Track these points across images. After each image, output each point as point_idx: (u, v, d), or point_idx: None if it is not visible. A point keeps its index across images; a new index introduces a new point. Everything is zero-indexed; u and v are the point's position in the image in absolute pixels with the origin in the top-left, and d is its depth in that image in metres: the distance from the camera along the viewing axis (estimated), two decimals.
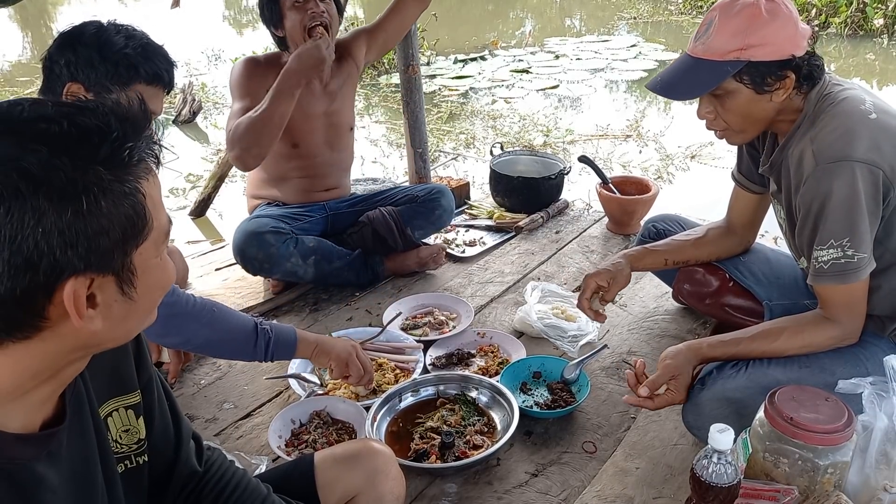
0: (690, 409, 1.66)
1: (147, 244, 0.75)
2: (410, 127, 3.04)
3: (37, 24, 10.59)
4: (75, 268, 0.69)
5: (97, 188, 0.69)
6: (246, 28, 10.67)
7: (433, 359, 2.09)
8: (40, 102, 0.71)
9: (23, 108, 0.70)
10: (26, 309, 0.69)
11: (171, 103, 6.01)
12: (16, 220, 0.65)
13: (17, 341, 0.71)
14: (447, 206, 2.68)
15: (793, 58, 1.46)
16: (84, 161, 0.69)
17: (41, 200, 0.66)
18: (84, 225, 0.68)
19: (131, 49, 1.54)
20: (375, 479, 1.17)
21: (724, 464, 1.23)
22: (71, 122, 0.70)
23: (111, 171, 0.70)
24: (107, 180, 0.70)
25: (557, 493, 1.64)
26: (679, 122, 5.44)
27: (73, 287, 0.69)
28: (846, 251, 1.44)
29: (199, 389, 2.04)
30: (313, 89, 2.50)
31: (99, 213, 0.69)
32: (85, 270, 0.70)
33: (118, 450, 0.93)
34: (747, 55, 1.45)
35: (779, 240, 3.23)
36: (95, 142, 0.70)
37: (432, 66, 7.19)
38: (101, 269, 0.71)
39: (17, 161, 0.66)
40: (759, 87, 1.48)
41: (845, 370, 1.52)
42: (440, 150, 4.99)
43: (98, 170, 0.69)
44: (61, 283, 0.69)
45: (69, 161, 0.68)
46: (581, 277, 2.59)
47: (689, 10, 9.52)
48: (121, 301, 0.75)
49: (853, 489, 1.39)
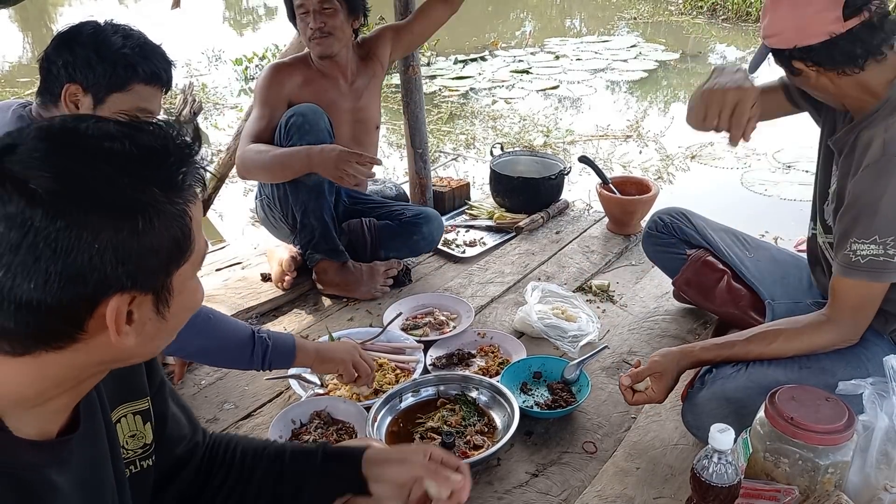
0: (690, 409, 1.67)
1: (187, 266, 0.77)
2: (410, 127, 3.04)
3: (37, 25, 10.59)
4: (122, 285, 0.70)
5: (152, 209, 0.71)
6: (246, 28, 10.67)
7: (433, 359, 2.09)
8: (104, 120, 0.73)
9: (88, 124, 0.72)
10: (67, 320, 0.70)
11: (171, 104, 6.01)
12: (74, 234, 0.66)
13: (49, 350, 0.72)
14: (427, 234, 2.62)
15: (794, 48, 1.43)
16: (143, 181, 0.71)
17: (101, 217, 0.68)
18: (137, 244, 0.70)
19: (129, 49, 1.54)
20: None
21: (724, 464, 1.23)
22: (133, 143, 0.71)
23: (165, 192, 0.72)
24: (161, 202, 0.71)
25: (558, 494, 1.64)
26: (679, 123, 5.44)
27: (117, 303, 0.71)
28: (888, 250, 1.41)
29: (199, 390, 2.04)
30: (340, 87, 2.55)
31: (152, 233, 0.71)
32: (130, 288, 0.71)
33: (125, 455, 0.94)
34: (769, 42, 1.48)
35: (779, 240, 3.24)
36: (154, 164, 0.72)
37: (432, 66, 7.19)
38: (145, 287, 0.73)
39: (81, 177, 0.68)
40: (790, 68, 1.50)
41: (846, 371, 1.52)
42: (440, 151, 4.99)
43: (154, 191, 0.71)
44: (106, 298, 0.70)
45: (129, 181, 0.70)
46: (581, 277, 2.60)
47: (689, 11, 9.52)
48: (154, 320, 0.76)
49: (854, 489, 1.39)
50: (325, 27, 2.38)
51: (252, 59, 7.26)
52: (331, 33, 2.40)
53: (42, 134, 0.70)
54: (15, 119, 1.57)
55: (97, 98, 1.54)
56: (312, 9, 2.37)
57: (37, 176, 0.67)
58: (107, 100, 1.54)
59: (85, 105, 1.54)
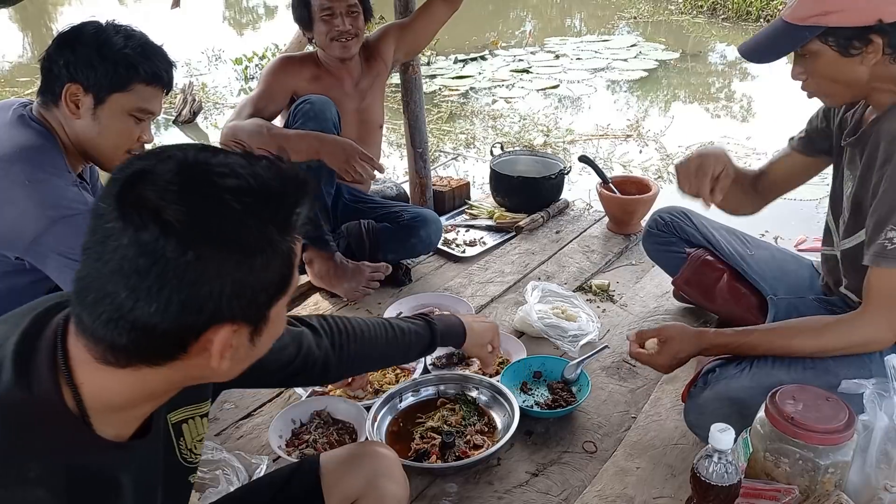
0: (692, 409, 1.66)
1: (283, 300, 0.80)
2: (411, 127, 3.04)
3: (37, 25, 10.58)
4: (234, 316, 0.74)
5: (270, 248, 0.74)
6: (246, 28, 10.67)
7: (434, 359, 2.09)
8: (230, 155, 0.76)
9: (219, 160, 0.75)
10: (175, 343, 0.74)
11: (171, 103, 6.00)
12: (201, 267, 0.70)
13: (149, 366, 0.75)
14: (425, 237, 2.61)
15: (879, 22, 1.41)
16: (265, 221, 0.74)
17: (227, 253, 0.71)
18: (254, 280, 0.74)
19: (130, 49, 1.53)
20: (379, 482, 1.18)
21: (724, 463, 1.23)
22: (259, 182, 0.74)
23: (280, 232, 0.75)
24: (277, 241, 0.75)
25: (558, 493, 1.64)
26: (679, 122, 5.44)
27: (226, 333, 0.75)
28: None
29: None
30: (345, 87, 2.57)
31: (267, 270, 0.75)
32: (238, 320, 0.75)
33: (192, 459, 0.97)
34: (825, 21, 1.43)
35: (779, 239, 3.23)
36: (276, 204, 0.75)
37: (432, 66, 7.18)
38: (249, 319, 0.77)
39: (213, 213, 0.71)
40: (845, 49, 1.45)
41: (850, 372, 1.51)
42: (440, 150, 4.99)
43: (273, 230, 0.74)
44: (216, 327, 0.74)
45: (254, 220, 0.73)
46: (581, 277, 2.60)
47: (689, 10, 9.52)
48: (247, 347, 0.79)
49: (854, 489, 1.39)
50: (352, 29, 2.43)
51: (252, 58, 7.25)
52: (356, 35, 2.46)
53: (176, 165, 0.73)
54: (15, 118, 1.56)
55: (98, 98, 1.54)
56: (341, 11, 2.40)
57: (172, 208, 0.69)
58: (108, 100, 1.54)
59: (86, 105, 1.54)
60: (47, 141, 1.55)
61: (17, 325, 0.79)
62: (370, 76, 2.63)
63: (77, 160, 1.63)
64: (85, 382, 0.76)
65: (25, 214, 1.46)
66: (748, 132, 4.86)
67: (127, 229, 0.69)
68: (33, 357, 0.76)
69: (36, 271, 1.53)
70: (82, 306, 0.73)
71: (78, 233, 1.55)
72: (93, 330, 0.73)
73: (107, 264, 0.70)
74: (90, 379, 0.76)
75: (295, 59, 2.58)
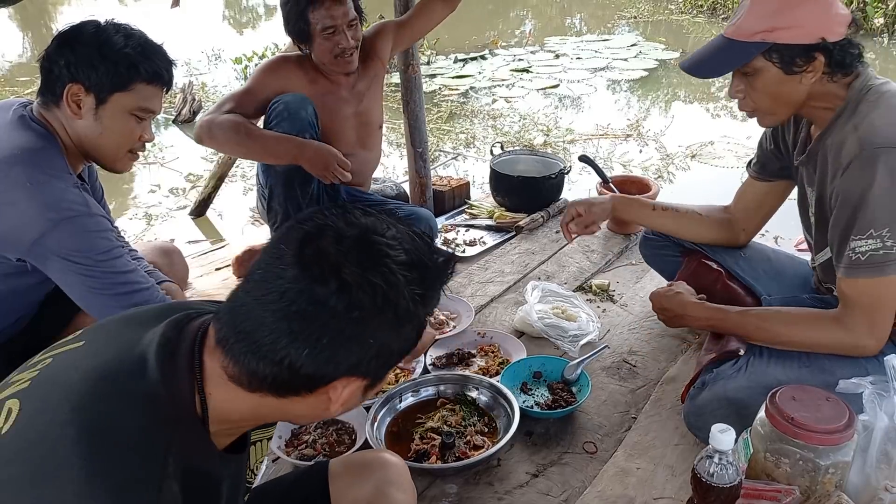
0: (691, 410, 1.67)
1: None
2: (410, 126, 3.03)
3: (37, 24, 10.57)
4: (367, 373, 0.80)
5: (417, 320, 0.81)
6: (246, 28, 10.66)
7: (433, 359, 2.08)
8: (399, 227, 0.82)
9: (387, 229, 0.80)
10: (307, 383, 0.79)
11: (171, 103, 6.00)
12: (361, 328, 0.76)
13: (273, 396, 0.80)
14: None
15: (822, 41, 1.44)
16: (418, 295, 0.79)
17: (385, 319, 0.77)
18: (397, 345, 0.80)
19: (131, 48, 1.53)
20: (387, 490, 1.18)
21: (725, 464, 1.23)
22: (419, 259, 0.81)
23: (423, 305, 0.81)
24: (416, 313, 0.80)
25: (558, 494, 1.63)
26: (679, 122, 5.43)
27: (354, 385, 0.80)
28: (885, 242, 1.39)
29: None
30: (342, 91, 2.52)
31: (403, 338, 0.81)
32: (369, 376, 0.81)
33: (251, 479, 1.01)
34: (773, 37, 1.45)
35: (779, 239, 3.23)
36: (430, 280, 0.82)
37: (432, 65, 7.18)
38: (376, 377, 0.83)
39: (382, 279, 0.76)
40: (788, 67, 1.47)
41: (846, 371, 1.51)
42: (440, 150, 4.98)
43: (420, 304, 0.80)
44: (347, 378, 0.79)
45: (411, 293, 0.78)
46: (581, 277, 2.60)
47: (689, 10, 9.51)
48: (358, 399, 0.84)
49: (854, 489, 1.39)
50: (354, 42, 2.37)
51: (252, 58, 7.25)
52: (357, 47, 2.40)
53: (348, 227, 0.78)
54: (16, 119, 1.56)
55: (99, 98, 1.54)
56: (343, 28, 2.33)
57: (350, 268, 0.75)
58: (109, 100, 1.54)
59: (87, 105, 1.54)
60: (48, 142, 1.54)
61: (148, 326, 0.83)
62: (367, 77, 2.57)
63: (77, 160, 1.62)
64: (212, 394, 0.81)
65: (26, 216, 1.45)
66: (748, 132, 4.85)
67: (303, 277, 0.74)
68: (175, 360, 0.80)
69: (37, 273, 1.53)
70: (233, 330, 0.78)
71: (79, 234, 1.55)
72: (239, 354, 0.78)
73: (270, 303, 0.75)
74: (218, 392, 0.81)
75: (291, 61, 2.49)
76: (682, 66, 1.61)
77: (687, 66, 1.59)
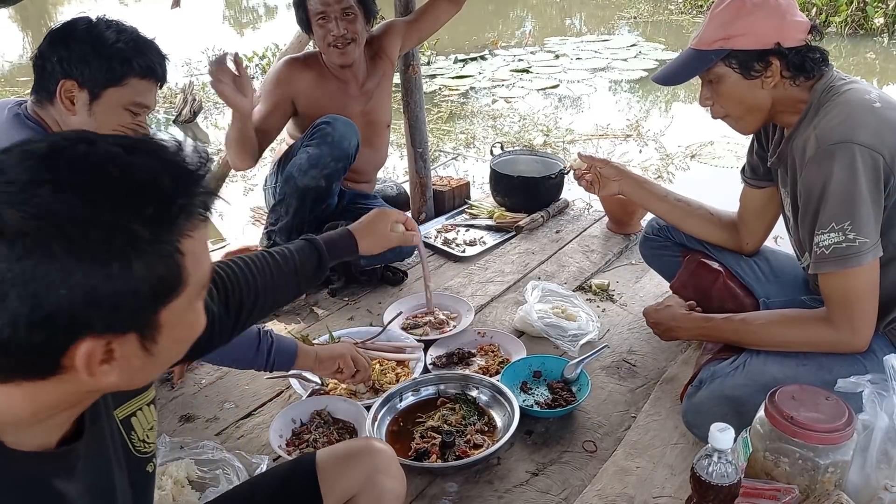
0: (689, 409, 1.67)
1: (179, 301, 0.71)
2: (411, 127, 3.04)
3: (37, 24, 10.57)
4: (94, 328, 0.66)
5: (133, 250, 0.65)
6: (246, 28, 10.67)
7: (434, 358, 2.09)
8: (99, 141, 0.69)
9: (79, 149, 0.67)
10: (41, 357, 0.67)
11: (171, 103, 6.01)
12: (41, 277, 0.62)
13: (31, 381, 0.69)
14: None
15: (777, 46, 1.51)
16: (125, 220, 0.65)
17: (72, 261, 0.63)
18: (111, 287, 0.65)
19: (123, 43, 1.54)
20: (376, 478, 1.18)
21: (724, 463, 1.23)
22: (123, 173, 0.66)
23: (152, 230, 0.66)
24: (144, 241, 0.65)
25: (558, 493, 1.64)
26: (679, 122, 5.44)
27: (89, 347, 0.66)
28: (847, 234, 1.43)
29: (199, 389, 2.04)
30: (350, 90, 2.52)
31: (129, 276, 0.65)
32: (104, 332, 0.67)
33: (147, 450, 0.93)
34: (730, 44, 1.55)
35: (779, 239, 3.23)
36: (142, 200, 0.66)
37: (432, 65, 7.19)
38: (122, 329, 0.68)
39: (55, 216, 0.62)
40: (746, 71, 1.56)
41: (843, 368, 1.52)
42: (440, 150, 4.99)
43: (137, 229, 0.65)
44: (78, 340, 0.66)
45: (110, 219, 0.64)
46: (581, 276, 2.60)
47: (688, 10, 9.52)
48: (141, 356, 0.71)
49: (854, 488, 1.39)
50: (347, 34, 2.36)
51: (252, 58, 7.25)
52: (353, 40, 2.39)
53: (23, 161, 0.65)
54: (11, 118, 1.56)
55: (93, 93, 1.54)
56: (335, 16, 2.33)
57: (8, 212, 0.62)
58: (102, 94, 1.54)
59: (81, 101, 1.54)
60: None
61: None
62: (376, 76, 2.57)
63: None
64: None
65: None
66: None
67: None
68: None
69: None
70: None
71: None
72: None
73: None
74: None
75: (299, 62, 2.50)
76: (654, 78, 1.72)
77: (658, 76, 1.70)
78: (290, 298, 1.43)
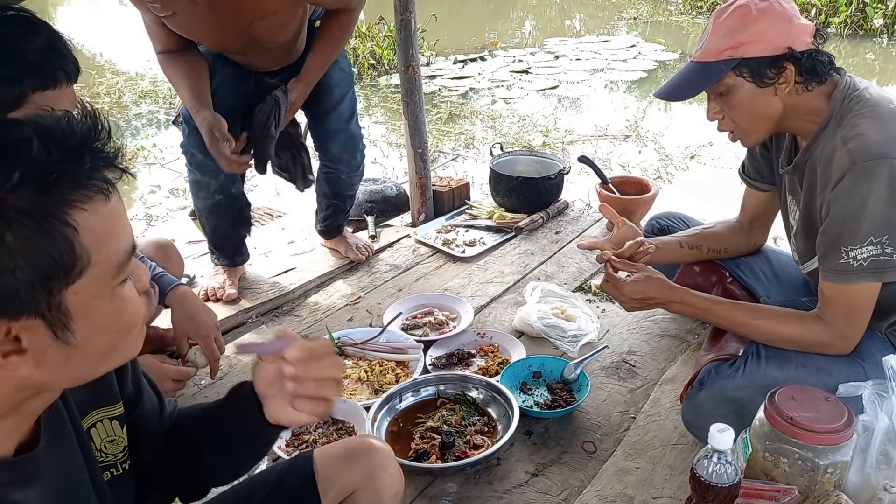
0: (689, 409, 1.67)
1: (84, 282, 0.65)
2: (410, 127, 3.04)
3: None
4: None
5: (1, 219, 0.59)
6: None
7: (433, 359, 2.09)
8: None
9: None
10: None
11: (170, 103, 6.00)
12: None
13: None
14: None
15: (789, 51, 1.47)
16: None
17: None
18: None
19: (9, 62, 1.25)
20: (374, 476, 1.17)
21: (724, 463, 1.23)
22: None
23: (27, 200, 0.60)
24: (18, 211, 0.60)
25: (557, 493, 1.64)
26: (678, 123, 5.44)
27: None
28: (885, 248, 1.42)
29: (199, 390, 2.04)
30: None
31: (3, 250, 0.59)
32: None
33: (103, 459, 0.92)
34: (740, 52, 1.49)
35: (779, 240, 3.23)
36: (8, 165, 0.60)
37: (432, 66, 7.19)
38: (16, 314, 0.62)
39: None
40: (760, 79, 1.50)
41: (842, 370, 1.52)
42: (440, 151, 4.99)
43: (5, 199, 0.59)
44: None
45: None
46: (581, 277, 2.60)
47: (688, 11, 9.53)
48: (56, 345, 0.66)
49: (853, 489, 1.39)
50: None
51: None
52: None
53: None
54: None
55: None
56: None
57: None
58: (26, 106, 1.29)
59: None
60: None
61: None
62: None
63: None
64: None
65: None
66: None
67: None
68: None
69: None
70: None
71: None
72: None
73: None
74: None
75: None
76: (657, 93, 1.64)
77: (661, 92, 1.63)
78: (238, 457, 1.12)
